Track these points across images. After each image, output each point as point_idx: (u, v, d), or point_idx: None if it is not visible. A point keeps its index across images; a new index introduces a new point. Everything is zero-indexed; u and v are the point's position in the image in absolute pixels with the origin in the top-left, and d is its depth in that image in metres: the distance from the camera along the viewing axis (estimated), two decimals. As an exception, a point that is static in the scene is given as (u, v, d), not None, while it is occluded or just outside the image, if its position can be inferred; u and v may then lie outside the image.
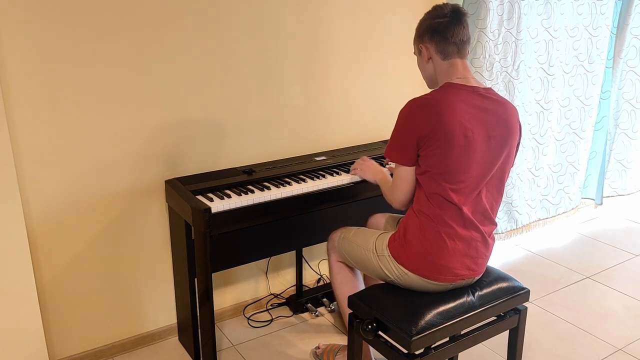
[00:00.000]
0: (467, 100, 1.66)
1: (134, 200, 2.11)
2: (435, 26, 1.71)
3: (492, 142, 1.67)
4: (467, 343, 1.72)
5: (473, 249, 1.72)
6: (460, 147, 1.62)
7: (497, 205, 1.77)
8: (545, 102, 3.05)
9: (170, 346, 2.30)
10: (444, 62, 1.73)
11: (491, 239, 1.77)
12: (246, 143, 2.31)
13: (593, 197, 3.62)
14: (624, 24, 3.21)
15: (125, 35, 1.93)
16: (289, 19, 2.27)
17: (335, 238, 2.03)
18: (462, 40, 1.71)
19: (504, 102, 1.72)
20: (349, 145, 2.59)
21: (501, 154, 1.69)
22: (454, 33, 1.69)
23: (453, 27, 1.69)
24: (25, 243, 1.86)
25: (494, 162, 1.69)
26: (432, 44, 1.73)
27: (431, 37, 1.73)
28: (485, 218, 1.73)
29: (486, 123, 1.66)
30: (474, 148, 1.64)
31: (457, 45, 1.71)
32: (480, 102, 1.67)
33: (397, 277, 1.75)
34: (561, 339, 2.36)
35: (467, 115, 1.63)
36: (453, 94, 1.66)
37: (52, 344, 2.08)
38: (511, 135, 1.71)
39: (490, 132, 1.66)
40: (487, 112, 1.67)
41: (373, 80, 2.59)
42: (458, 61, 1.72)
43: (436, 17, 1.72)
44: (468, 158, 1.64)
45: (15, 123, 1.82)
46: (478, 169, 1.66)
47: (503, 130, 1.68)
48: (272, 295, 2.60)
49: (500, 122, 1.68)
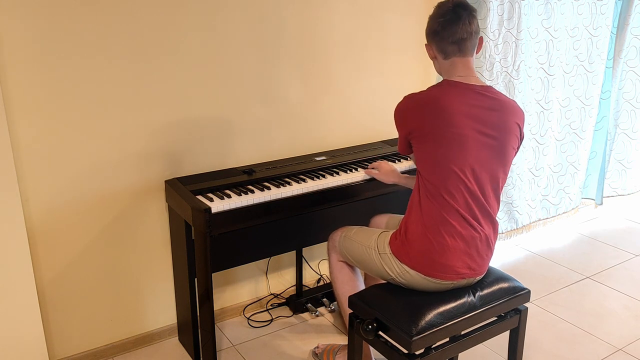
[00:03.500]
0: (462, 97, 1.67)
1: (134, 200, 2.11)
2: (435, 27, 1.73)
3: (487, 140, 1.67)
4: (468, 343, 1.72)
5: (474, 247, 1.71)
6: (452, 144, 1.64)
7: (496, 204, 1.76)
8: (545, 102, 3.05)
9: (170, 346, 2.30)
10: (445, 61, 1.76)
11: (493, 238, 1.77)
12: (246, 143, 2.31)
13: (593, 197, 3.62)
14: (624, 24, 3.21)
15: (125, 36, 1.93)
16: (290, 19, 2.27)
17: (336, 238, 2.03)
18: (461, 38, 1.70)
19: (503, 100, 1.71)
20: (349, 145, 2.59)
21: (497, 151, 1.69)
22: (451, 32, 1.70)
23: (450, 27, 1.69)
24: (25, 243, 1.86)
25: (489, 160, 1.68)
26: (433, 44, 1.77)
27: (432, 38, 1.76)
28: (485, 217, 1.73)
29: (480, 120, 1.66)
30: (468, 145, 1.65)
31: (457, 44, 1.71)
32: (475, 99, 1.68)
33: (399, 275, 1.75)
34: (561, 339, 2.36)
35: (461, 112, 1.64)
36: (448, 91, 1.69)
37: (52, 344, 2.08)
38: (508, 133, 1.70)
39: (484, 130, 1.66)
40: (480, 109, 1.67)
41: (373, 80, 2.59)
42: (458, 60, 1.73)
43: (437, 16, 1.73)
44: (461, 155, 1.65)
45: (15, 123, 1.82)
46: (472, 166, 1.66)
47: (497, 129, 1.68)
48: (272, 295, 2.60)
49: (495, 121, 1.68)
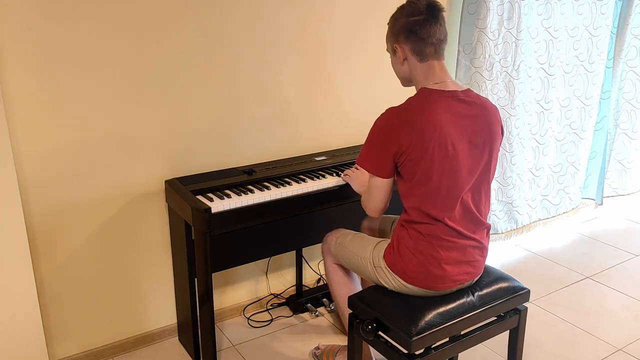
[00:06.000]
0: (448, 108, 1.59)
1: (134, 200, 2.11)
2: (411, 25, 1.61)
3: (474, 149, 1.63)
4: (467, 343, 1.72)
5: (469, 254, 1.70)
6: (443, 161, 1.58)
7: (486, 208, 1.73)
8: (545, 102, 3.05)
9: (170, 346, 2.30)
10: (420, 64, 1.64)
11: (486, 241, 1.76)
12: (246, 143, 2.31)
13: (593, 197, 3.61)
14: (624, 24, 3.21)
15: (126, 36, 1.93)
16: (289, 19, 2.27)
17: (330, 242, 2.01)
18: (439, 39, 1.61)
19: (483, 104, 1.66)
20: (349, 145, 2.59)
21: (484, 158, 1.65)
22: (431, 32, 1.59)
23: (430, 26, 1.59)
24: (25, 243, 1.86)
25: (477, 168, 1.65)
26: (407, 44, 1.63)
27: (407, 37, 1.63)
28: (476, 224, 1.70)
29: (468, 131, 1.61)
30: (458, 158, 1.59)
31: (434, 46, 1.62)
32: (461, 108, 1.61)
33: (395, 287, 1.74)
34: (561, 339, 2.36)
35: (449, 125, 1.58)
36: (433, 103, 1.58)
37: (52, 344, 2.08)
38: (493, 138, 1.66)
39: (472, 139, 1.62)
40: (468, 118, 1.61)
41: (373, 80, 2.59)
42: (435, 63, 1.64)
43: (411, 14, 1.61)
44: (452, 170, 1.59)
45: (16, 123, 1.82)
46: (462, 178, 1.62)
47: (485, 134, 1.64)
48: (272, 295, 2.60)
49: (482, 127, 1.64)
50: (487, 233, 1.76)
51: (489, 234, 1.78)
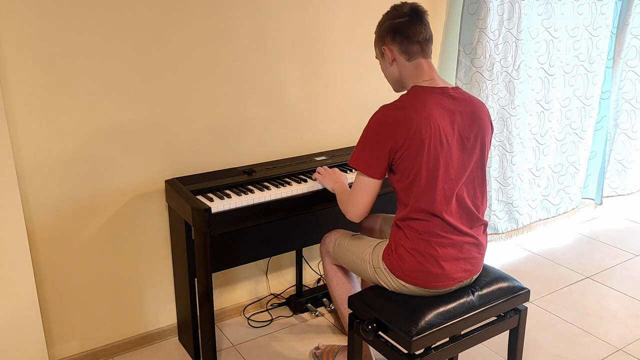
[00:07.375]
0: (439, 103, 1.63)
1: (134, 200, 2.11)
2: (396, 26, 1.67)
3: (466, 144, 1.66)
4: (467, 343, 1.72)
5: (466, 251, 1.70)
6: (439, 154, 1.60)
7: (483, 205, 1.75)
8: (545, 102, 3.05)
9: (170, 346, 2.30)
10: (408, 63, 1.70)
11: (483, 238, 1.76)
12: (246, 143, 2.31)
13: (593, 197, 3.61)
14: (624, 24, 3.21)
15: (126, 36, 1.93)
16: (289, 19, 2.27)
17: (329, 243, 2.01)
18: (425, 38, 1.68)
19: (473, 101, 1.70)
20: (349, 145, 2.59)
21: (475, 151, 1.69)
22: (416, 32, 1.66)
23: (414, 26, 1.66)
24: (25, 243, 1.86)
25: (469, 161, 1.68)
26: (394, 44, 1.69)
27: (393, 38, 1.69)
28: (473, 220, 1.71)
29: (459, 126, 1.65)
30: (451, 152, 1.63)
31: (420, 44, 1.68)
32: (452, 104, 1.65)
33: (395, 288, 1.74)
34: (561, 339, 2.36)
35: (442, 120, 1.61)
36: (425, 99, 1.62)
37: (52, 344, 2.08)
38: (484, 132, 1.70)
39: (463, 133, 1.65)
40: (459, 114, 1.65)
41: (373, 80, 2.59)
42: (423, 61, 1.69)
43: (396, 17, 1.68)
44: (446, 163, 1.62)
45: (16, 123, 1.82)
46: (456, 171, 1.65)
47: (476, 130, 1.68)
48: (272, 295, 2.60)
49: (473, 121, 1.67)
50: (484, 230, 1.77)
51: (486, 232, 1.78)
